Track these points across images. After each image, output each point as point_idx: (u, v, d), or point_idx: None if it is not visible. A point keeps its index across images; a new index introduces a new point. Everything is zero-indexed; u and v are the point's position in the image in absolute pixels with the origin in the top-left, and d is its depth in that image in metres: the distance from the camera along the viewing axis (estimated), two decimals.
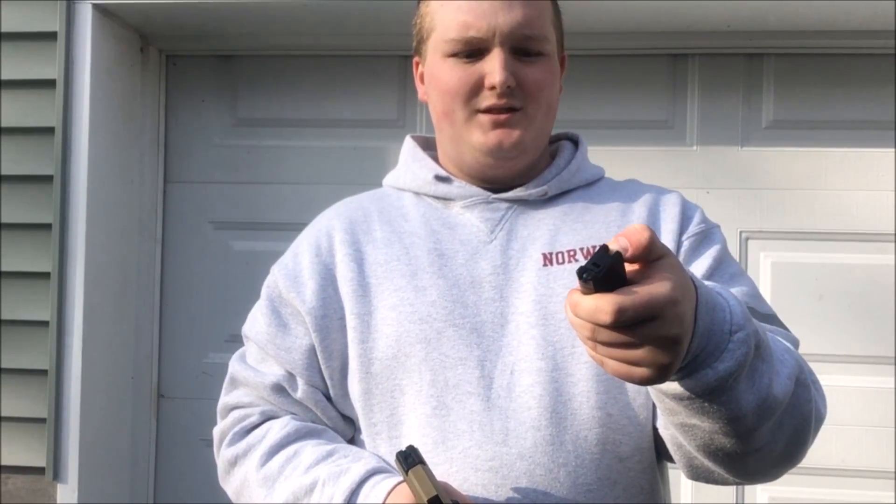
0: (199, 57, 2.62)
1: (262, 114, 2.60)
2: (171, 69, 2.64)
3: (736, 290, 1.01)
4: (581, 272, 0.67)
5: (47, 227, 2.31)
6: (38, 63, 2.33)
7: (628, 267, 0.69)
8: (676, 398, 0.78)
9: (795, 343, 1.02)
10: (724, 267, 1.06)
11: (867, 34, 2.32)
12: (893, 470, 2.32)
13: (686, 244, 1.06)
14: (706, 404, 0.77)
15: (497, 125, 1.04)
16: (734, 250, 2.35)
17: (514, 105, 1.04)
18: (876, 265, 2.36)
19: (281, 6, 2.30)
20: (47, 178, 2.31)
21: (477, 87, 1.04)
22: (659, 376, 0.70)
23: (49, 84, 2.31)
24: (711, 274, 1.04)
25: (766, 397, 0.79)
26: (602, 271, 0.67)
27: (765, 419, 0.81)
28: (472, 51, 1.04)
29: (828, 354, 2.34)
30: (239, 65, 2.62)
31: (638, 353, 0.69)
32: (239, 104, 2.61)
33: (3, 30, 2.34)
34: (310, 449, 1.03)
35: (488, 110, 1.04)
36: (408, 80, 2.55)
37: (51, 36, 2.31)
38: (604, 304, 0.67)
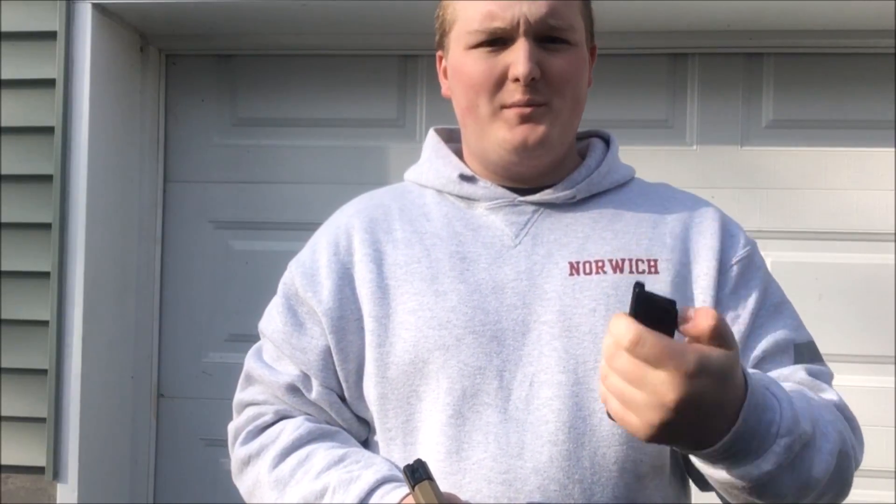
0: (199, 57, 2.62)
1: (262, 114, 2.60)
2: (170, 69, 2.64)
3: (780, 333, 1.03)
4: (636, 285, 0.71)
5: (47, 226, 2.31)
6: (37, 63, 2.33)
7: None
8: (720, 483, 0.82)
9: (831, 377, 1.07)
10: (770, 296, 1.06)
11: (867, 34, 2.31)
12: (893, 470, 2.32)
13: (735, 270, 1.03)
14: (747, 490, 0.80)
15: (523, 120, 1.00)
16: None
17: (538, 99, 1.00)
18: (876, 265, 2.36)
19: (281, 6, 2.30)
20: (47, 178, 2.31)
21: (501, 80, 1.00)
22: (648, 435, 0.72)
23: (49, 84, 2.31)
24: (759, 308, 1.03)
25: (806, 480, 0.83)
26: (650, 295, 0.70)
27: (805, 496, 0.84)
28: (496, 41, 1.00)
29: (828, 354, 2.30)
30: (239, 65, 2.61)
31: (637, 398, 0.71)
32: (239, 104, 2.61)
33: (3, 29, 2.33)
34: (322, 453, 1.02)
35: (513, 105, 1.00)
36: (407, 80, 2.54)
37: (50, 35, 2.31)
38: (630, 327, 0.70)
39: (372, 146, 2.53)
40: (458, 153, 1.12)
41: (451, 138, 1.16)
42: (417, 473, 0.89)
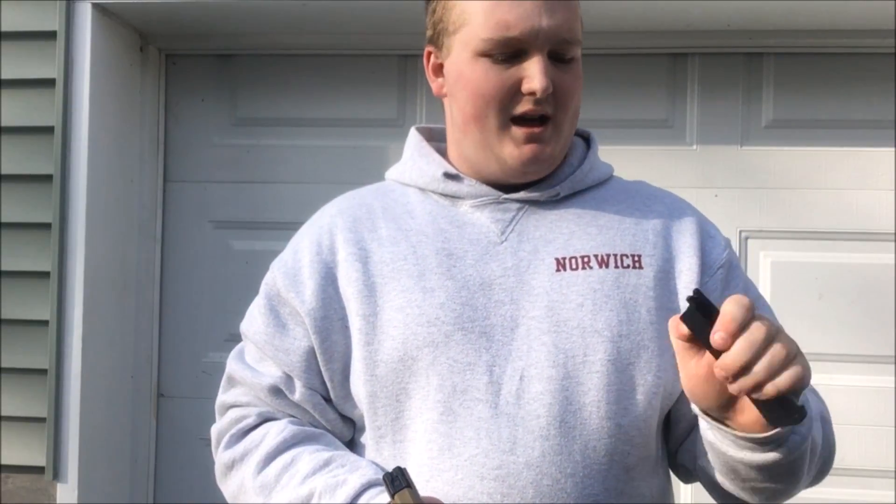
0: (199, 56, 2.62)
1: (262, 113, 2.60)
2: (170, 68, 2.64)
3: None
4: (691, 295, 0.82)
5: (47, 226, 2.31)
6: (37, 62, 2.33)
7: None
8: (763, 467, 0.89)
9: None
10: (748, 295, 1.08)
11: (867, 34, 2.31)
12: (893, 469, 2.32)
13: (720, 274, 1.06)
14: (789, 463, 0.89)
15: (532, 139, 1.01)
16: (734, 250, 2.35)
17: (546, 112, 1.00)
18: (876, 265, 2.36)
19: (281, 6, 2.30)
20: (47, 178, 2.31)
21: (513, 92, 0.99)
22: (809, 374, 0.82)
23: (49, 83, 2.31)
24: None
25: (812, 444, 0.92)
26: (701, 297, 0.82)
27: (810, 461, 0.94)
28: (510, 52, 0.99)
29: (828, 354, 2.34)
30: (239, 64, 2.61)
31: (789, 349, 0.80)
32: (239, 104, 2.61)
33: (3, 29, 2.33)
34: (307, 457, 1.01)
35: (522, 118, 1.00)
36: (407, 80, 2.54)
37: (50, 35, 2.31)
38: (735, 303, 0.80)
39: (372, 146, 2.53)
40: (441, 152, 1.12)
41: (433, 137, 1.16)
42: (397, 482, 0.88)
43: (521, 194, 1.06)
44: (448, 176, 1.08)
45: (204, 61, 2.63)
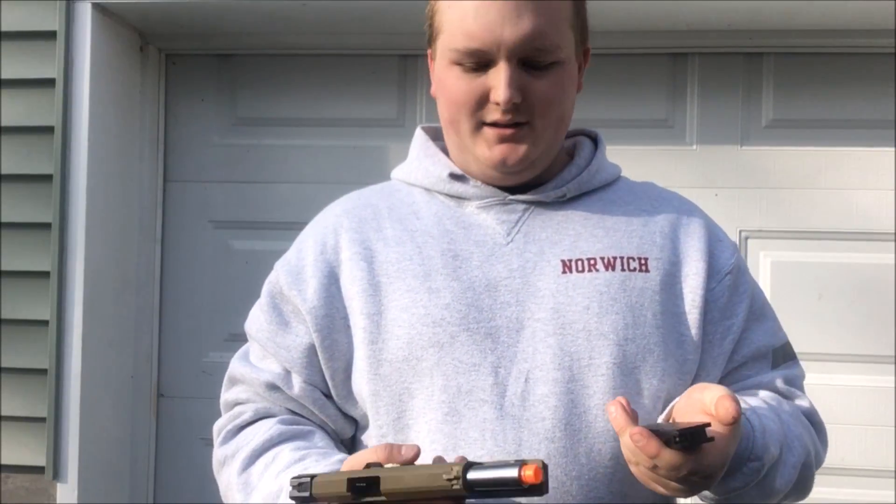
0: (199, 56, 2.62)
1: (262, 113, 2.60)
2: (170, 68, 2.64)
3: (762, 339, 1.08)
4: (676, 439, 0.81)
5: (47, 226, 2.31)
6: (37, 62, 2.33)
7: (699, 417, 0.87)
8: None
9: (803, 377, 1.11)
10: (755, 301, 1.08)
11: (867, 33, 2.31)
12: (893, 469, 2.32)
13: (728, 280, 1.05)
14: (716, 500, 0.96)
15: (502, 140, 1.00)
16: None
17: (519, 120, 0.99)
18: (876, 265, 2.36)
19: (281, 6, 2.30)
20: (47, 178, 2.31)
21: (482, 100, 0.99)
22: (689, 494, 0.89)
23: (49, 83, 2.31)
24: (748, 316, 1.07)
25: (769, 492, 0.96)
26: (693, 445, 0.82)
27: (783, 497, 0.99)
28: (477, 62, 0.98)
29: (828, 353, 2.34)
30: (239, 64, 2.61)
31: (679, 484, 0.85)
32: (239, 103, 2.61)
33: (3, 29, 2.34)
34: (286, 454, 1.02)
35: (494, 124, 1.00)
36: (407, 80, 2.54)
37: (50, 35, 2.31)
38: (674, 460, 0.82)
39: (372, 146, 2.53)
40: (446, 151, 1.12)
41: (438, 136, 1.15)
42: (303, 486, 0.86)
43: (528, 195, 1.05)
44: (453, 177, 1.08)
45: (204, 61, 2.63)
